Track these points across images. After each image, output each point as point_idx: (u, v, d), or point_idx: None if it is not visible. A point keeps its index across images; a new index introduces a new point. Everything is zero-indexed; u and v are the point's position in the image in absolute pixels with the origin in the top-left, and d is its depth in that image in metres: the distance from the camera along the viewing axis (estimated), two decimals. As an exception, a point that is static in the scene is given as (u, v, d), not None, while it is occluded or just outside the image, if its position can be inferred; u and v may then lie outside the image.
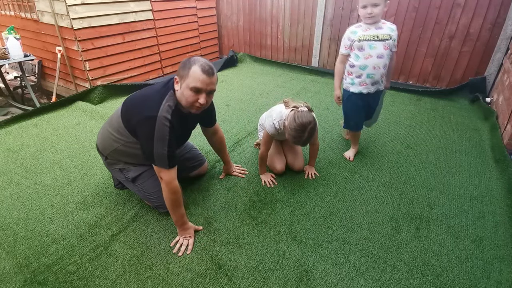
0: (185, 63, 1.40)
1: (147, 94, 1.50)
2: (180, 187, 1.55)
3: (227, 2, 4.80)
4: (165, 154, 1.40)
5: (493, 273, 1.44)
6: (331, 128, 2.79)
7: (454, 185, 2.04)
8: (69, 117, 2.98)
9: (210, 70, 1.39)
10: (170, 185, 1.45)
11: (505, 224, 1.72)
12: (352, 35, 1.93)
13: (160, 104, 1.40)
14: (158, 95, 1.44)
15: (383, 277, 1.42)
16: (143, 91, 1.55)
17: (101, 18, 3.33)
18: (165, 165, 1.42)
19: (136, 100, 1.51)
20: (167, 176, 1.44)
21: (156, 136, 1.38)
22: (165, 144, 1.39)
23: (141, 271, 1.45)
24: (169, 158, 1.42)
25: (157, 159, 1.41)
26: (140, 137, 1.46)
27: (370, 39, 1.90)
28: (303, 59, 4.55)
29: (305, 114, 1.67)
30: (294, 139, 1.70)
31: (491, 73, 3.29)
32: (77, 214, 1.78)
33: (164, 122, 1.38)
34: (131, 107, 1.51)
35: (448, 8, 3.28)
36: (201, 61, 1.39)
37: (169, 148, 1.40)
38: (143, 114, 1.41)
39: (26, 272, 1.44)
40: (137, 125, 1.44)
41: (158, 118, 1.37)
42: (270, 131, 1.88)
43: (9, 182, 2.05)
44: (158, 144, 1.39)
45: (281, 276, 1.43)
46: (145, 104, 1.45)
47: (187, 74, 1.37)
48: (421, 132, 2.74)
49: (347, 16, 3.90)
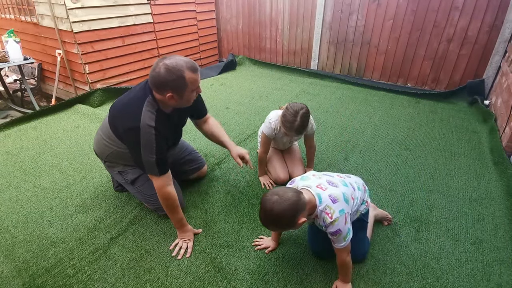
0: (169, 74, 1.28)
1: (127, 103, 1.46)
2: (179, 190, 1.55)
3: (227, 6, 4.82)
4: (153, 162, 1.39)
5: (493, 275, 1.44)
6: (330, 131, 2.79)
7: (454, 188, 2.05)
8: (68, 120, 2.98)
9: (194, 64, 1.36)
10: (161, 191, 1.45)
11: (504, 226, 1.72)
12: None
13: (140, 112, 1.36)
14: (138, 102, 1.39)
15: (383, 280, 1.42)
16: (124, 99, 1.49)
17: (101, 21, 3.34)
18: (155, 172, 1.41)
19: (118, 108, 1.47)
20: (158, 183, 1.44)
21: (142, 146, 1.36)
22: (152, 152, 1.37)
23: (140, 274, 1.44)
24: (158, 165, 1.40)
25: (147, 167, 1.41)
26: (128, 146, 1.46)
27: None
28: (302, 62, 4.56)
29: (297, 104, 1.71)
30: (288, 126, 1.70)
31: (490, 75, 3.30)
32: (76, 217, 1.77)
33: (148, 130, 1.35)
34: (115, 115, 1.48)
35: (446, 11, 3.30)
36: (184, 65, 1.30)
37: (157, 156, 1.38)
38: (126, 125, 1.39)
39: (25, 275, 1.43)
40: (122, 135, 1.44)
41: (141, 127, 1.35)
42: (266, 132, 1.90)
43: (8, 185, 2.05)
44: (145, 152, 1.37)
45: (281, 279, 1.42)
46: (126, 113, 1.42)
47: (185, 84, 1.33)
48: (420, 134, 2.75)
49: (346, 19, 3.92)
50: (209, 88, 3.94)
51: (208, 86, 4.00)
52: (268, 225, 1.21)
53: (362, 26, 3.84)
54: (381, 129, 2.84)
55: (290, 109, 1.69)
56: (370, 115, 3.13)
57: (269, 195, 1.15)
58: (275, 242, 1.58)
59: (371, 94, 3.69)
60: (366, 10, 3.73)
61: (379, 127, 2.87)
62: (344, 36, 4.03)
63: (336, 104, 3.42)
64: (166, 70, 1.28)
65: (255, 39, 4.82)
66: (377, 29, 3.76)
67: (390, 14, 3.60)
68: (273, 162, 2.08)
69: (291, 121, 1.68)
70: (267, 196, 1.15)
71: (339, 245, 1.24)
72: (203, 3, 4.54)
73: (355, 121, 3.00)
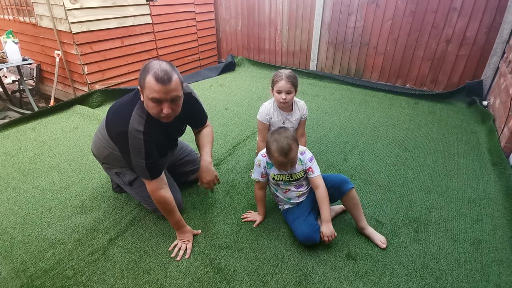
0: (142, 71, 1.28)
1: (118, 107, 1.45)
2: (178, 191, 1.54)
3: (226, 7, 4.83)
4: (143, 167, 1.38)
5: (492, 276, 1.44)
6: (329, 132, 2.80)
7: (452, 188, 2.05)
8: (67, 121, 2.97)
9: (164, 77, 1.22)
10: (154, 195, 1.45)
11: (503, 227, 1.72)
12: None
13: (129, 117, 1.35)
14: (128, 106, 1.39)
15: (382, 280, 1.42)
16: (118, 102, 1.49)
17: (100, 22, 3.34)
18: (146, 176, 1.41)
19: (112, 114, 1.47)
20: (150, 187, 1.44)
21: (131, 151, 1.36)
22: (141, 157, 1.36)
23: (139, 275, 1.44)
24: (149, 170, 1.39)
25: (138, 171, 1.41)
26: (119, 150, 1.46)
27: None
28: (301, 63, 4.57)
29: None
30: (278, 75, 1.89)
31: (488, 76, 3.31)
32: (74, 218, 1.77)
33: (136, 135, 1.34)
34: (109, 120, 1.47)
35: (444, 13, 3.31)
36: (155, 68, 1.24)
37: (147, 161, 1.37)
38: (116, 129, 1.38)
39: (23, 277, 1.42)
40: (113, 140, 1.44)
41: (130, 132, 1.33)
42: (260, 117, 1.98)
43: (6, 186, 2.04)
44: (134, 157, 1.37)
45: (280, 280, 1.42)
46: (117, 117, 1.41)
47: (143, 84, 1.26)
48: (419, 135, 2.75)
49: (344, 20, 3.93)
50: (208, 89, 3.95)
51: (207, 87, 4.00)
52: (291, 154, 1.43)
53: (361, 27, 3.85)
54: (380, 129, 2.84)
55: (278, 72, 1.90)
56: (369, 116, 3.14)
57: (277, 135, 1.44)
58: (262, 216, 1.74)
59: (370, 95, 3.69)
60: (365, 11, 3.74)
61: (378, 128, 2.87)
62: (343, 37, 4.04)
63: (335, 105, 3.42)
64: (144, 65, 1.29)
65: (254, 40, 4.83)
66: (376, 30, 3.77)
67: (389, 15, 3.61)
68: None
69: (278, 73, 1.88)
70: (276, 137, 1.43)
71: (317, 173, 1.54)
72: (202, 4, 4.54)
73: (354, 122, 3.01)
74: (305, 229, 1.53)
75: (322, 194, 1.53)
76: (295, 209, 1.65)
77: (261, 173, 1.62)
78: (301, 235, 1.54)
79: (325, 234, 1.51)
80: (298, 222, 1.58)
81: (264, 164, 1.59)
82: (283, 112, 1.99)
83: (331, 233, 1.51)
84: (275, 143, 1.43)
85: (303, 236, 1.53)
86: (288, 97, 1.86)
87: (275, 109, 1.98)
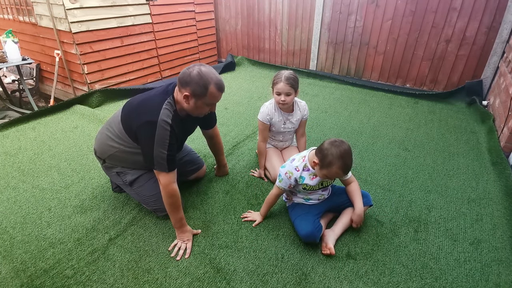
0: (199, 81, 1.38)
1: (147, 99, 1.53)
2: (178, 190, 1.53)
3: (226, 6, 4.82)
4: (165, 158, 1.42)
5: (491, 275, 1.44)
6: (329, 131, 2.80)
7: (452, 188, 2.05)
8: (67, 121, 2.97)
9: (223, 86, 1.46)
10: (167, 188, 1.47)
11: (503, 227, 1.73)
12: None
13: (160, 109, 1.43)
14: (158, 100, 1.47)
15: (381, 280, 1.42)
16: (143, 96, 1.57)
17: (100, 22, 3.34)
18: (164, 168, 1.44)
19: (137, 105, 1.53)
20: (165, 179, 1.46)
21: (156, 140, 1.41)
22: (165, 147, 1.42)
23: (139, 275, 1.44)
24: (168, 162, 1.44)
25: (157, 163, 1.43)
26: (141, 141, 1.48)
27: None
28: (301, 63, 4.57)
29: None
30: (278, 77, 1.86)
31: (488, 76, 3.32)
32: (74, 218, 1.77)
33: (165, 126, 1.41)
34: (131, 112, 1.53)
35: (444, 12, 3.31)
36: (214, 79, 1.41)
37: (168, 152, 1.43)
38: (143, 118, 1.43)
39: (23, 276, 1.42)
40: (137, 129, 1.47)
41: (159, 122, 1.40)
42: (261, 118, 1.99)
43: (6, 185, 2.04)
44: (158, 147, 1.41)
45: (280, 279, 1.42)
46: (145, 109, 1.48)
47: (204, 93, 1.40)
48: (419, 134, 2.75)
49: (344, 20, 3.93)
50: (208, 88, 3.94)
51: (207, 87, 3.99)
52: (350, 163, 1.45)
53: (360, 27, 3.85)
54: (380, 129, 2.85)
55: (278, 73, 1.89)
56: (368, 116, 3.14)
57: (343, 152, 1.40)
58: (262, 217, 1.74)
59: (370, 95, 3.69)
60: (365, 11, 3.74)
61: (377, 128, 2.88)
62: (342, 36, 4.04)
63: (335, 104, 3.42)
64: (198, 73, 1.38)
65: (254, 39, 4.83)
66: (376, 30, 3.77)
67: (389, 15, 3.61)
68: (272, 161, 2.09)
69: (278, 75, 1.85)
70: (342, 154, 1.40)
71: (350, 174, 1.63)
72: (202, 4, 4.54)
73: (353, 121, 3.01)
74: (309, 226, 1.54)
75: (356, 186, 1.66)
76: (305, 206, 1.67)
77: (289, 184, 1.58)
78: (303, 232, 1.54)
79: (355, 221, 1.62)
80: (303, 219, 1.59)
81: (296, 177, 1.56)
82: (284, 113, 1.99)
83: (361, 221, 1.63)
84: (341, 160, 1.39)
85: (305, 233, 1.53)
86: (287, 99, 1.86)
87: (276, 109, 1.98)
